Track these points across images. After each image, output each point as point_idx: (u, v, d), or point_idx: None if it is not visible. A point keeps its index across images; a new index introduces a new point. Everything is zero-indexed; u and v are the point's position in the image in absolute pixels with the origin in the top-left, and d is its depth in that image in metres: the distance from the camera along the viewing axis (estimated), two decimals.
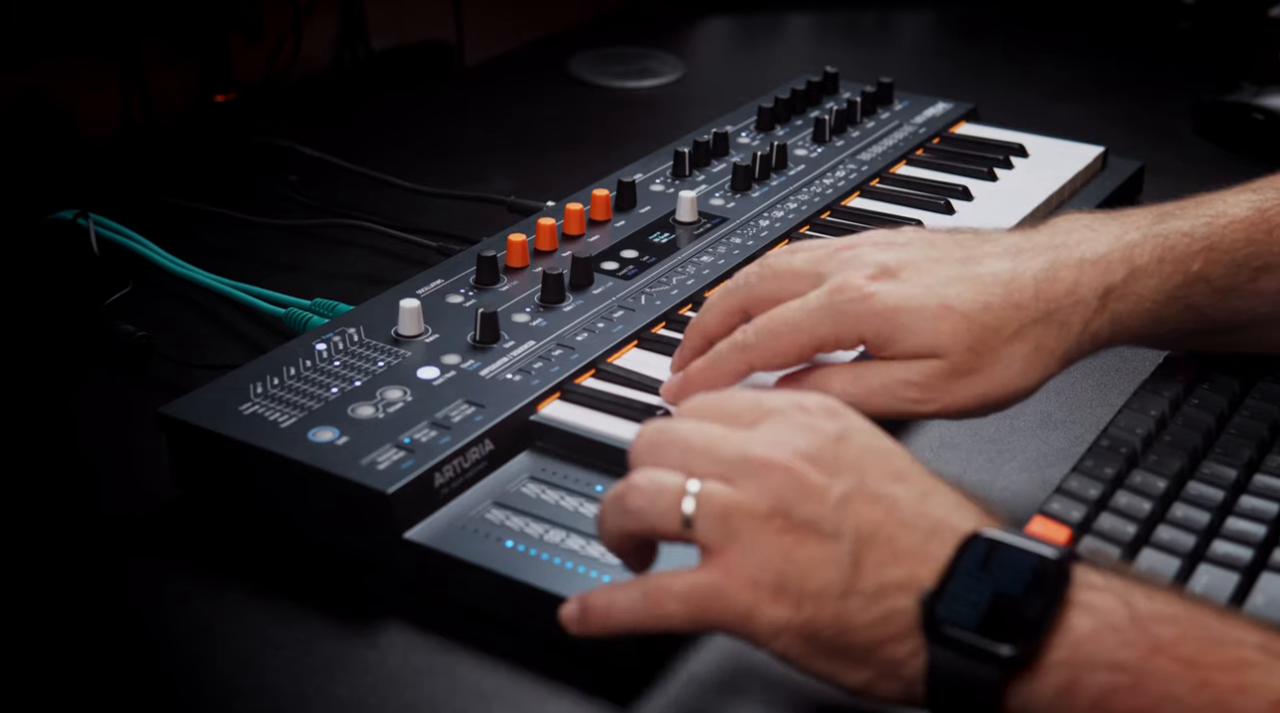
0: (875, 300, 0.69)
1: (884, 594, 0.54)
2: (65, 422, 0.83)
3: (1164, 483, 0.69)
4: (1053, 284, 0.70)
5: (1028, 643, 0.52)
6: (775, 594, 0.55)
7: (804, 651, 0.56)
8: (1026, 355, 0.69)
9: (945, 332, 0.68)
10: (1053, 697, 0.52)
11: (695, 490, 0.56)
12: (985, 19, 1.60)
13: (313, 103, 1.29)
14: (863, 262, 0.71)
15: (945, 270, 0.70)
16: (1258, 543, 0.66)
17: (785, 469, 0.56)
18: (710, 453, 0.58)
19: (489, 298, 0.84)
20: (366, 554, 0.68)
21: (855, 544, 0.55)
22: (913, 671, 0.54)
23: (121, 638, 0.66)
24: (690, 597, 0.56)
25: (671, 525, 0.57)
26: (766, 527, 0.55)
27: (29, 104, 1.08)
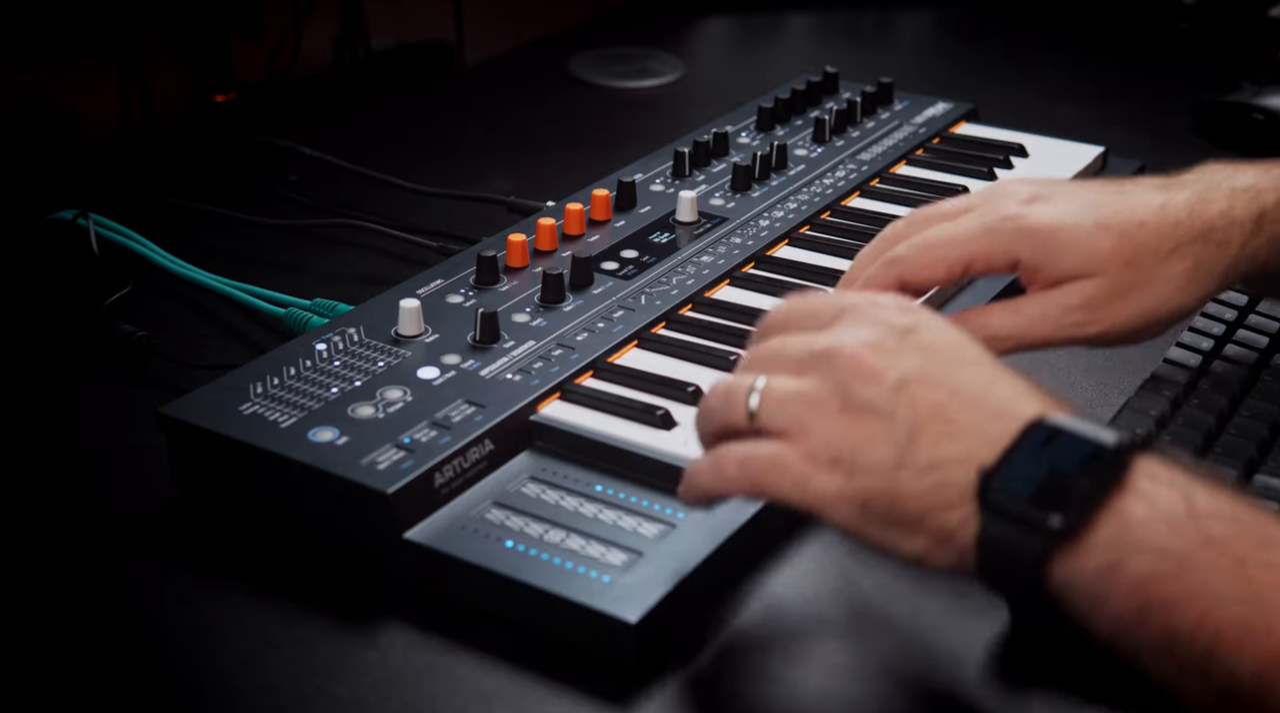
0: (1030, 219, 0.70)
1: (937, 467, 0.56)
2: (65, 422, 0.83)
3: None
4: (1206, 206, 0.71)
5: (1076, 517, 0.53)
6: (830, 466, 0.57)
7: (859, 520, 0.57)
8: (1187, 271, 0.70)
9: (1103, 249, 0.69)
10: (1095, 575, 0.53)
11: (760, 386, 0.60)
12: (985, 19, 1.60)
13: (313, 103, 1.29)
14: (1013, 191, 0.73)
15: (1096, 194, 0.72)
16: None
17: (845, 356, 0.58)
18: (782, 355, 0.61)
19: (489, 298, 0.84)
20: (366, 554, 0.68)
21: (911, 424, 0.56)
22: (964, 539, 0.55)
23: (122, 638, 0.66)
24: (749, 462, 0.59)
25: (740, 418, 0.60)
26: (825, 409, 0.58)
27: (29, 104, 1.08)
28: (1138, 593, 0.52)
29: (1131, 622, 0.52)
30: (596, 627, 0.62)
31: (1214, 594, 0.51)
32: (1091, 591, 0.53)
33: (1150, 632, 0.52)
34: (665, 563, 0.65)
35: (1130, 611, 0.52)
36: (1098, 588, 0.53)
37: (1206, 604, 0.51)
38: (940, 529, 0.56)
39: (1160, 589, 0.51)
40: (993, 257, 0.71)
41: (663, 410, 0.74)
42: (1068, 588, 0.54)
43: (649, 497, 0.70)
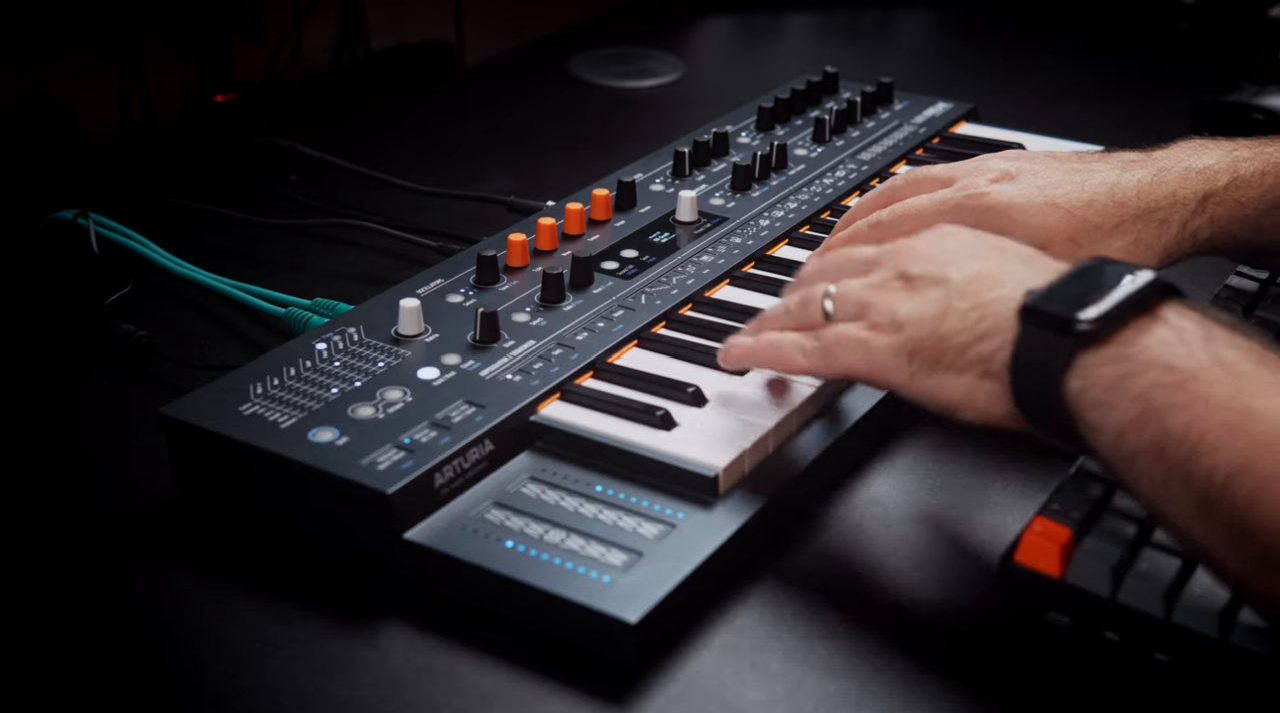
0: (990, 198, 0.79)
1: (980, 307, 0.64)
2: (65, 422, 0.83)
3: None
4: (1155, 188, 0.79)
5: (1104, 322, 0.59)
6: (889, 329, 0.67)
7: (910, 370, 0.66)
8: (1126, 248, 0.78)
9: (1050, 226, 0.78)
10: (1108, 383, 0.58)
11: (832, 292, 0.70)
12: (985, 19, 1.60)
13: (313, 103, 1.29)
14: (988, 168, 0.82)
15: (1058, 175, 0.80)
16: None
17: (905, 249, 0.69)
18: (849, 261, 0.72)
19: (489, 298, 0.84)
20: (366, 554, 0.68)
21: (960, 283, 0.65)
22: (1001, 362, 0.62)
23: (122, 638, 0.66)
24: (823, 337, 0.69)
25: (817, 321, 0.71)
26: (888, 289, 0.68)
27: (29, 104, 1.08)
28: (1141, 400, 0.57)
29: (1131, 428, 0.57)
30: (596, 627, 0.62)
31: (1206, 401, 0.56)
32: (1101, 396, 0.58)
33: (1146, 437, 0.57)
34: (665, 563, 0.65)
35: (1131, 417, 0.57)
36: (1107, 395, 0.58)
37: (1199, 410, 0.55)
38: (981, 357, 0.63)
39: (1161, 397, 0.57)
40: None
41: (663, 410, 0.74)
42: (1081, 396, 0.59)
43: (649, 497, 0.70)
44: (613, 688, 0.62)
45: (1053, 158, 0.82)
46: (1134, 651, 0.62)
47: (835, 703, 0.61)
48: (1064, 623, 0.64)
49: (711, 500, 0.70)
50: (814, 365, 0.70)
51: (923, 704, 0.61)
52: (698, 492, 0.70)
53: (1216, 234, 0.79)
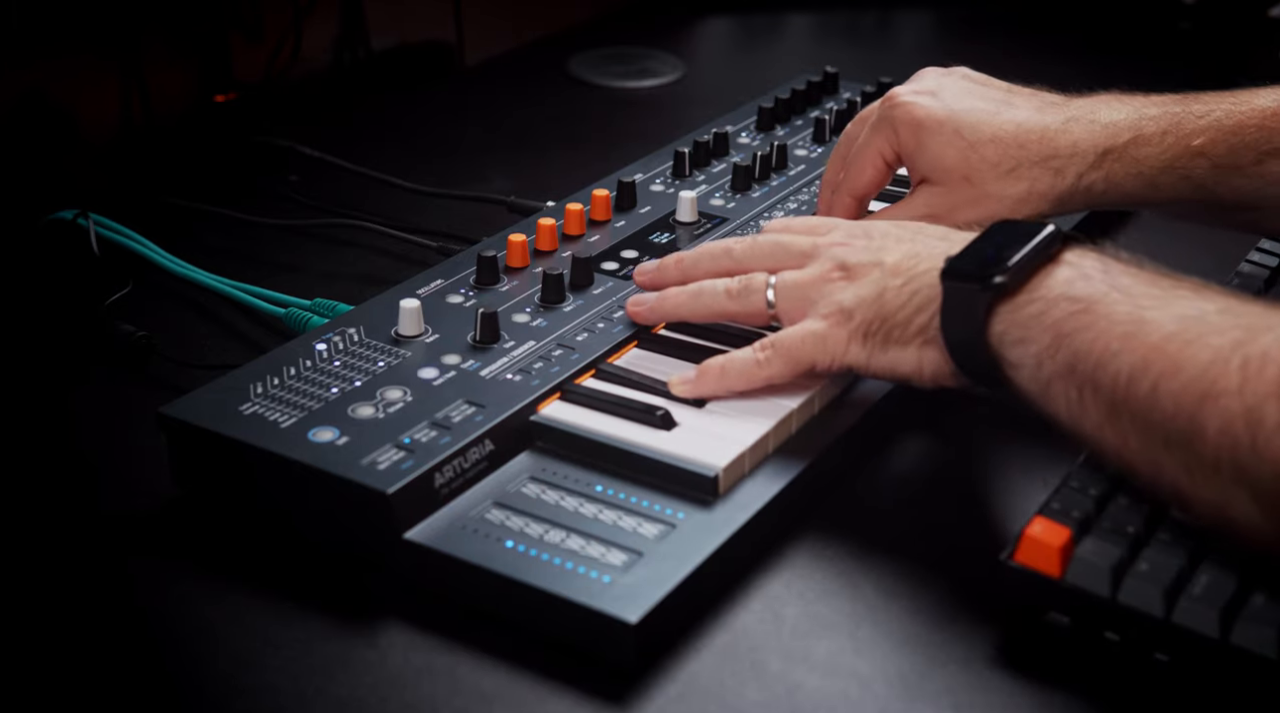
0: (906, 109, 0.83)
1: (912, 280, 0.70)
2: (65, 422, 0.83)
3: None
4: (1059, 136, 0.82)
5: (1014, 274, 0.66)
6: (840, 318, 0.72)
7: (867, 351, 0.71)
8: (1020, 193, 0.82)
9: (949, 158, 0.82)
10: (1024, 321, 0.65)
11: (774, 282, 0.75)
12: (985, 19, 1.60)
13: (313, 103, 1.29)
14: (917, 82, 0.86)
15: (976, 103, 0.84)
16: None
17: (843, 243, 0.74)
18: (789, 248, 0.76)
19: (489, 298, 0.84)
20: (366, 554, 0.68)
21: (892, 264, 0.71)
22: (935, 328, 0.68)
23: (122, 638, 0.66)
24: (779, 343, 0.73)
25: (759, 312, 0.76)
26: (829, 280, 0.73)
27: (29, 104, 1.08)
28: (1052, 329, 0.64)
29: (1045, 356, 0.64)
30: (596, 627, 0.62)
31: (1108, 319, 0.62)
32: (1019, 334, 0.65)
33: (1059, 360, 0.63)
34: (665, 563, 0.65)
35: (1045, 345, 0.64)
36: (1024, 332, 0.65)
37: (1101, 327, 0.62)
38: (921, 327, 0.69)
39: (1069, 323, 0.63)
40: (890, 144, 0.85)
41: (663, 410, 0.74)
42: (1003, 338, 0.66)
43: (649, 497, 0.70)
44: (613, 688, 0.62)
45: (985, 83, 0.86)
46: (1134, 651, 0.62)
47: (835, 703, 0.61)
48: (1064, 623, 0.64)
49: (711, 501, 0.70)
50: (776, 371, 0.73)
51: (923, 704, 0.61)
52: (698, 492, 0.70)
53: (1110, 189, 0.82)
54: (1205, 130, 0.82)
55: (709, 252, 0.79)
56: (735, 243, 0.78)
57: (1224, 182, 0.82)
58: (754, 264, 0.77)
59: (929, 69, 0.88)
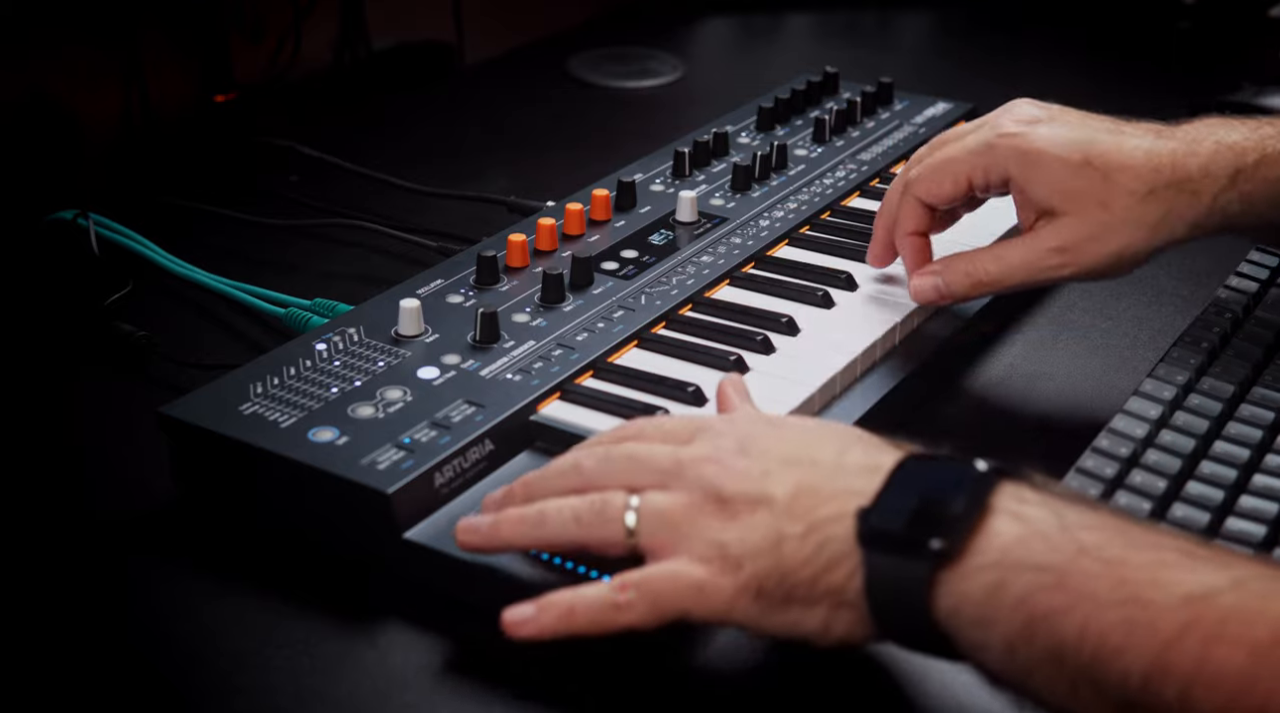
0: (1025, 139, 0.78)
1: (815, 529, 0.58)
2: (65, 422, 0.83)
3: (1164, 483, 0.69)
4: (1188, 158, 0.77)
5: (951, 537, 0.54)
6: (720, 565, 0.59)
7: (759, 609, 0.58)
8: (1158, 217, 0.76)
9: (1081, 187, 0.76)
10: (981, 598, 0.53)
11: (635, 505, 0.61)
12: (985, 19, 1.60)
13: (313, 103, 1.29)
14: (1019, 111, 0.80)
15: (1091, 131, 0.78)
16: (1257, 543, 0.66)
17: (713, 460, 0.61)
18: (648, 463, 0.62)
19: (489, 298, 0.84)
20: (366, 554, 0.68)
21: (784, 501, 0.59)
22: (855, 591, 0.57)
23: (121, 638, 0.66)
24: (645, 584, 0.59)
25: (617, 537, 0.61)
26: (702, 512, 0.60)
27: (29, 104, 1.08)
28: (1021, 609, 0.52)
29: (1019, 641, 0.53)
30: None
31: (1093, 600, 0.51)
32: (978, 614, 0.54)
33: (1038, 648, 0.52)
34: None
35: (1016, 629, 0.53)
36: (983, 610, 0.53)
37: (1087, 610, 0.51)
38: (832, 588, 0.57)
39: (1043, 602, 0.52)
40: (990, 171, 0.79)
41: (663, 410, 0.74)
42: (955, 616, 0.54)
43: None
44: (613, 688, 0.62)
45: (1084, 114, 0.81)
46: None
47: (835, 703, 0.61)
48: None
49: None
50: (637, 618, 0.59)
51: (923, 704, 0.61)
52: None
53: (1246, 211, 0.78)
54: None
55: (556, 468, 0.65)
56: (586, 455, 0.64)
57: None
58: (607, 481, 0.63)
59: (1022, 100, 0.82)
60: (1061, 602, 0.52)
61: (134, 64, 1.14)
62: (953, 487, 0.56)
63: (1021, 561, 0.53)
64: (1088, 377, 0.85)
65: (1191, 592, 0.50)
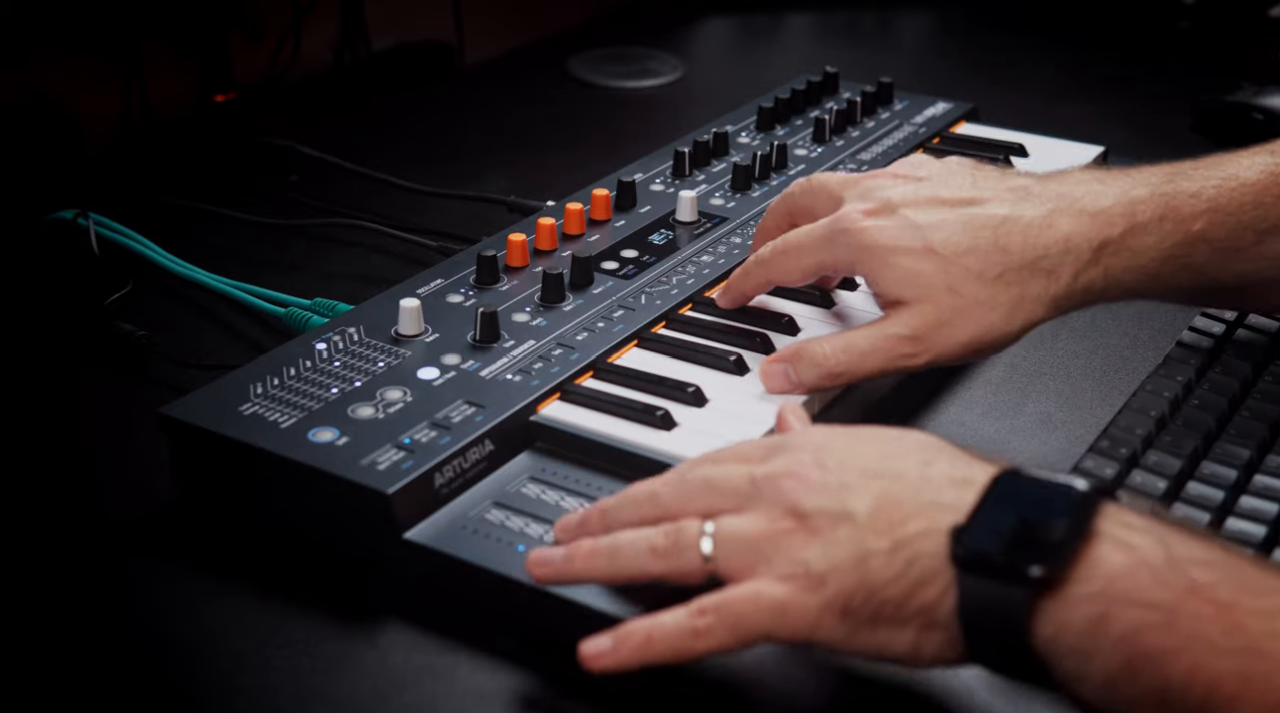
0: (864, 236, 0.73)
1: (903, 545, 0.55)
2: (65, 422, 0.83)
3: (1164, 483, 0.69)
4: (1044, 232, 0.71)
5: (1054, 563, 0.52)
6: (803, 585, 0.56)
7: (845, 629, 0.56)
8: (1011, 301, 0.71)
9: (926, 273, 0.71)
10: (1083, 629, 0.51)
11: (710, 530, 0.59)
12: (985, 19, 1.60)
13: (313, 103, 1.29)
14: (871, 196, 0.75)
15: (941, 213, 0.73)
16: (1258, 543, 0.66)
17: (790, 475, 0.59)
18: (722, 486, 0.61)
19: (489, 298, 0.84)
20: (366, 554, 0.68)
21: (867, 515, 0.56)
22: (946, 611, 0.54)
23: (121, 638, 0.66)
24: (724, 608, 0.57)
25: (694, 567, 0.59)
26: (781, 531, 0.58)
27: (29, 104, 1.08)
28: (1126, 646, 0.51)
29: (1121, 677, 0.51)
30: (597, 627, 0.62)
31: (1205, 644, 0.49)
32: (1078, 645, 0.52)
33: (1141, 686, 0.50)
34: None
35: (1119, 665, 0.51)
36: (1085, 643, 0.51)
37: (1198, 655, 0.49)
38: (923, 607, 0.55)
39: (1149, 641, 0.50)
40: (836, 265, 0.75)
41: (663, 410, 0.74)
42: (1054, 644, 0.52)
43: None
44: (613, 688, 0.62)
45: (948, 176, 0.76)
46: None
47: (835, 703, 0.61)
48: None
49: None
50: (717, 644, 0.57)
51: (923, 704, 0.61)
52: None
53: (1110, 286, 0.72)
54: (1204, 214, 0.73)
55: (632, 496, 0.63)
56: (662, 484, 0.63)
57: (1226, 266, 0.73)
58: (684, 508, 0.61)
59: (895, 167, 0.78)
60: (1170, 643, 0.50)
61: (134, 64, 1.14)
62: (1054, 507, 0.53)
63: (1127, 593, 0.51)
64: (1088, 377, 0.85)
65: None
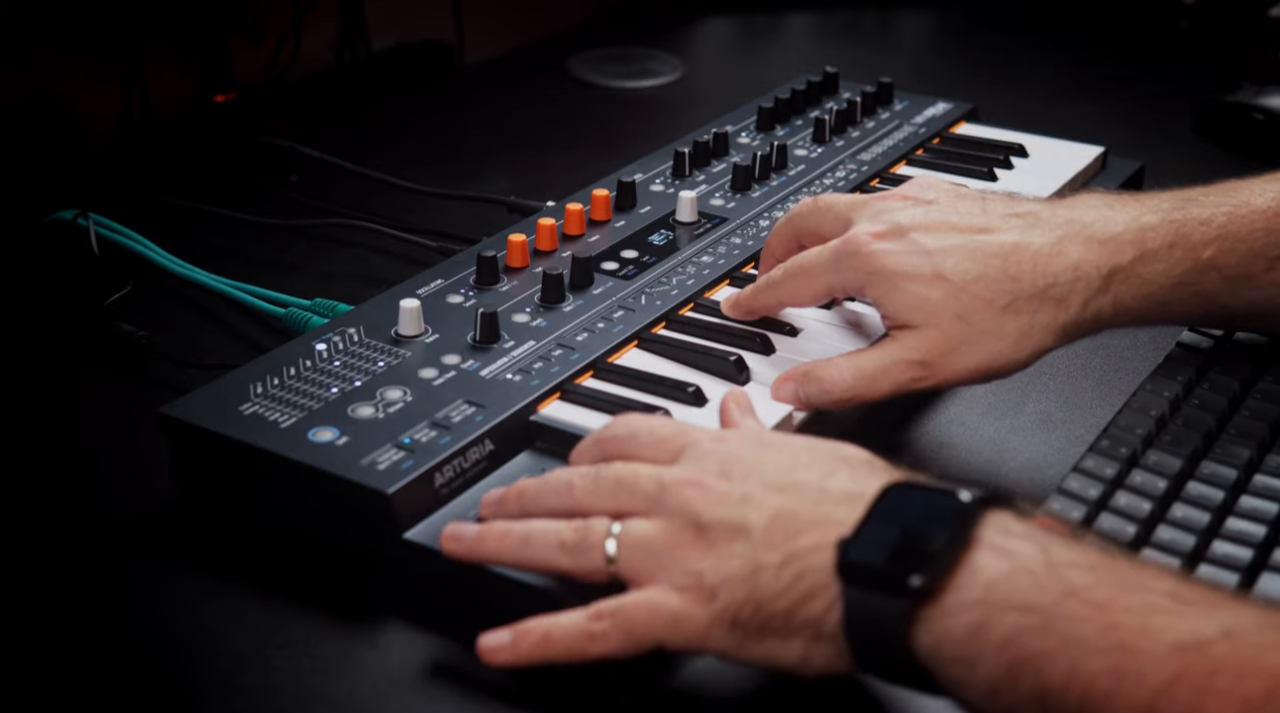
0: (874, 259, 0.73)
1: (793, 559, 0.57)
2: (65, 422, 0.83)
3: (1164, 483, 0.69)
4: (1054, 260, 0.71)
5: (933, 572, 0.53)
6: (695, 594, 0.58)
7: (734, 639, 0.58)
8: (1020, 329, 0.71)
9: (935, 300, 0.71)
10: (964, 636, 0.52)
11: (616, 533, 0.61)
12: (985, 19, 1.60)
13: (313, 103, 1.29)
14: (881, 218, 0.75)
15: (951, 238, 0.73)
16: (1258, 543, 0.66)
17: (694, 484, 0.60)
18: (632, 488, 0.62)
19: (489, 298, 0.84)
20: (366, 554, 0.68)
21: (762, 529, 0.58)
22: (833, 624, 0.56)
23: (121, 638, 0.66)
24: (620, 613, 0.59)
25: (597, 565, 0.61)
26: (681, 541, 0.59)
27: (29, 104, 1.08)
28: (1006, 651, 0.51)
29: (1002, 682, 0.51)
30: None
31: (1081, 644, 0.50)
32: (960, 653, 0.52)
33: (1022, 691, 0.51)
34: None
35: (1000, 670, 0.51)
36: (966, 649, 0.52)
37: (1074, 655, 0.50)
38: (809, 620, 0.56)
39: (1028, 644, 0.51)
40: (846, 287, 0.75)
41: (663, 411, 0.74)
42: (936, 653, 0.53)
43: None
44: (612, 688, 0.62)
45: (956, 206, 0.75)
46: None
47: (834, 703, 0.61)
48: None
49: None
50: (615, 647, 0.59)
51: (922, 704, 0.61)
52: None
53: (1120, 313, 0.72)
54: (1214, 241, 0.72)
55: (551, 485, 0.64)
56: (579, 476, 0.64)
57: (1237, 293, 0.73)
58: (595, 505, 0.62)
59: (903, 188, 0.78)
60: (1048, 645, 0.50)
61: (134, 64, 1.14)
62: (935, 519, 0.54)
63: (1005, 599, 0.52)
64: (1088, 377, 0.85)
65: (1182, 640, 0.49)
